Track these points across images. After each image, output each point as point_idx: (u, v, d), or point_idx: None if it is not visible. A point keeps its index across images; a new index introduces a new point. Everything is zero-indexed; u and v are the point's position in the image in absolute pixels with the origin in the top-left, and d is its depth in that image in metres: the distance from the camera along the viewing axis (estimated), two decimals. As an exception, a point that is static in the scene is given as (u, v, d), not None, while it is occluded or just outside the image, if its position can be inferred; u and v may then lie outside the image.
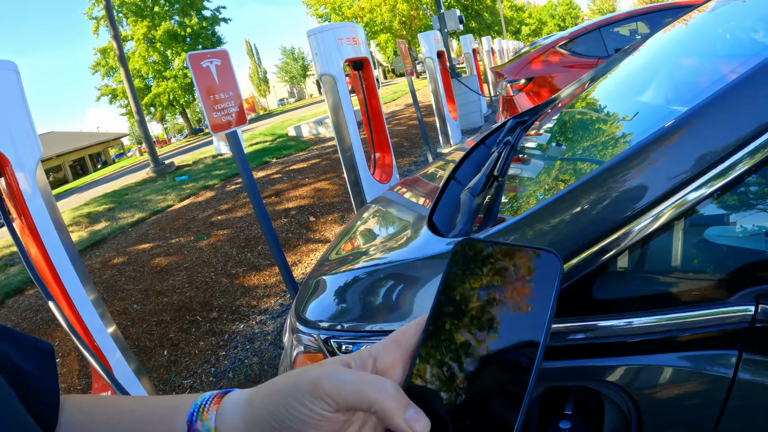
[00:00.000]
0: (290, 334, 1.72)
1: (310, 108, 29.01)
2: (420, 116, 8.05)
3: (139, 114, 14.80)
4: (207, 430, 0.54)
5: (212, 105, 3.26)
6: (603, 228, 0.99)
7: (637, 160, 1.01)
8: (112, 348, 2.63)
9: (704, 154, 0.94)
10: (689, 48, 2.15)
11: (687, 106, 1.29)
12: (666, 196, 0.95)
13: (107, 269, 6.14)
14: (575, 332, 1.02)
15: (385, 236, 1.96)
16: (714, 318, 0.95)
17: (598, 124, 1.89)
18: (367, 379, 0.47)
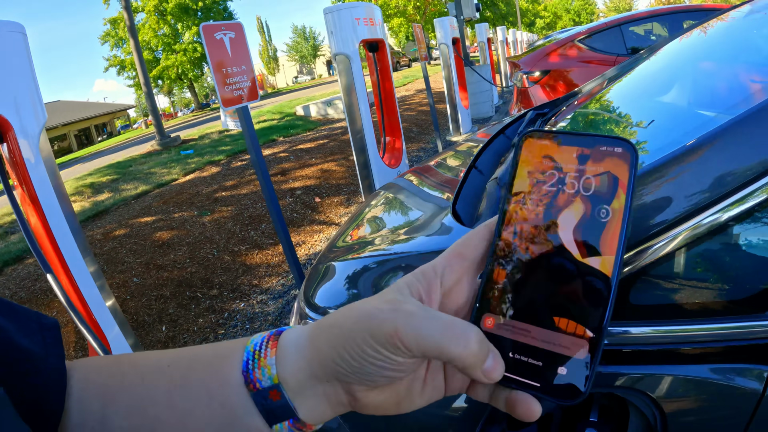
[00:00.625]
0: (298, 318, 1.68)
1: (319, 88, 28.87)
2: (432, 102, 7.98)
3: (147, 86, 14.73)
4: (269, 379, 0.47)
5: (224, 78, 3.17)
6: (642, 233, 0.95)
7: (685, 163, 0.97)
8: (110, 322, 2.57)
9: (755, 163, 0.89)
10: (716, 53, 2.11)
11: (712, 111, 1.23)
12: (709, 204, 0.91)
13: (108, 241, 6.10)
14: (607, 337, 0.97)
15: (399, 225, 1.90)
16: (746, 331, 0.92)
17: (621, 125, 1.84)
18: (448, 327, 0.43)
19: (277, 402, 0.46)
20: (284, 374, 0.47)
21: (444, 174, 2.35)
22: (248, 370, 0.47)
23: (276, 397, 0.46)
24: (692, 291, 0.99)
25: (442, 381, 0.49)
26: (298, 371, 0.47)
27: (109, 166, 12.16)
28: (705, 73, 2.01)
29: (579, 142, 0.47)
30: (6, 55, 2.18)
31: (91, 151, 28.46)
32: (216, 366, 0.50)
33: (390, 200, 2.27)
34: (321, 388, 0.47)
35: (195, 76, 43.72)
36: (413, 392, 0.48)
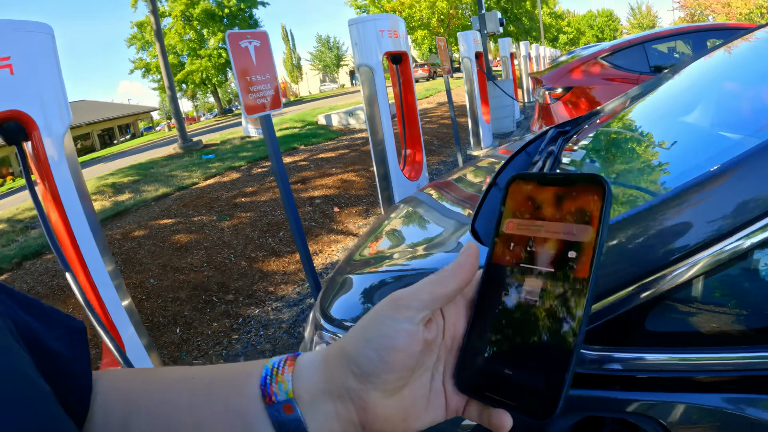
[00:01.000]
0: (313, 329, 1.68)
1: (342, 98, 29.01)
2: (453, 116, 7.98)
3: (171, 90, 14.91)
4: (284, 394, 0.50)
5: (248, 86, 3.21)
6: (661, 259, 0.95)
7: (706, 190, 0.97)
8: (125, 322, 2.60)
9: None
10: (741, 74, 2.09)
11: (736, 133, 1.22)
12: (730, 233, 0.91)
13: (127, 241, 6.15)
14: (620, 363, 0.99)
15: (418, 240, 1.92)
16: (759, 362, 0.91)
17: (643, 144, 1.84)
18: (426, 279, 0.51)
19: (290, 416, 0.49)
20: (299, 390, 0.50)
21: (464, 190, 2.35)
22: (266, 385, 0.51)
23: (289, 410, 0.49)
24: (708, 319, 0.99)
25: (443, 401, 0.53)
26: (312, 387, 0.50)
27: (131, 167, 12.27)
28: (729, 94, 2.00)
29: (557, 182, 0.52)
30: (33, 56, 2.22)
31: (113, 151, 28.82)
32: (236, 381, 0.53)
33: (409, 214, 2.27)
34: (332, 405, 0.50)
35: (219, 81, 44.08)
36: (418, 408, 0.51)
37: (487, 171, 2.45)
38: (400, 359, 0.48)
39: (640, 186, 1.49)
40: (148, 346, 2.77)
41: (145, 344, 2.73)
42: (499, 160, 2.43)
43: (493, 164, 2.49)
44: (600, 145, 2.18)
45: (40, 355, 0.46)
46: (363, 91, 4.84)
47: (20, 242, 6.88)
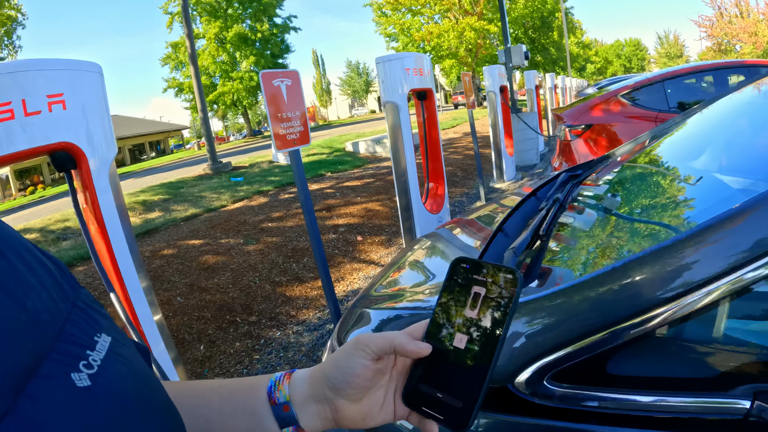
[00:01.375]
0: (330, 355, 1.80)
1: (369, 125, 29.15)
2: (477, 150, 8.04)
3: (203, 111, 15.17)
4: (284, 398, 0.72)
5: (279, 122, 3.40)
6: (632, 308, 1.07)
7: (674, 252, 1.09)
8: (156, 337, 2.75)
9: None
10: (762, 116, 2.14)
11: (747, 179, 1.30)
12: (698, 286, 1.02)
13: (156, 259, 6.30)
14: (589, 400, 1.10)
15: (436, 278, 1.97)
16: (713, 407, 1.01)
17: (650, 195, 1.89)
18: (385, 333, 0.71)
19: (287, 413, 0.72)
20: (293, 395, 0.73)
21: (486, 227, 2.38)
22: (271, 392, 0.73)
23: (287, 409, 0.72)
24: (665, 364, 1.11)
25: (392, 409, 0.73)
26: (301, 393, 0.73)
27: (161, 185, 12.45)
28: (744, 139, 2.06)
29: (485, 268, 0.71)
30: (84, 93, 2.43)
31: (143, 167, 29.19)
32: (252, 389, 0.75)
33: (430, 250, 2.33)
34: (315, 406, 0.72)
35: (249, 103, 44.36)
36: (373, 412, 0.72)
37: (509, 208, 2.45)
38: (358, 381, 0.69)
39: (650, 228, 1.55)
40: (176, 360, 2.92)
41: (173, 358, 2.89)
42: (522, 198, 2.48)
43: (514, 202, 2.53)
44: (604, 192, 2.22)
45: None
46: (388, 125, 4.98)
47: (52, 253, 7.07)
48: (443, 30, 38.46)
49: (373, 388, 0.73)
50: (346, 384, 0.70)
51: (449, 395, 0.69)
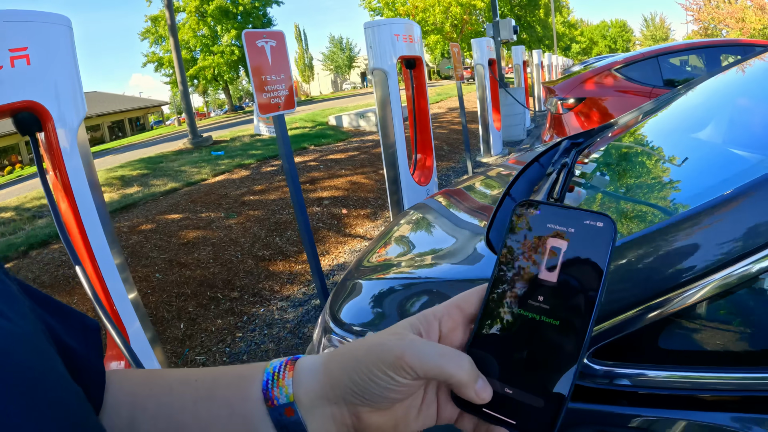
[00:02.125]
0: (321, 332, 1.68)
1: (352, 99, 29.01)
2: (464, 123, 7.96)
3: (183, 85, 14.95)
4: (286, 397, 0.53)
5: (262, 85, 3.21)
6: (672, 282, 0.94)
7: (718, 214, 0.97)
8: (131, 315, 2.59)
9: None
10: (757, 92, 2.07)
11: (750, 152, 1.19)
12: (750, 252, 0.90)
13: (134, 234, 6.17)
14: (627, 378, 0.98)
15: (428, 248, 1.90)
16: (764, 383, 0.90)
17: (653, 158, 1.83)
18: (445, 353, 0.51)
19: (291, 418, 0.52)
20: (299, 394, 0.53)
21: (475, 199, 2.33)
22: (267, 389, 0.54)
23: (290, 413, 0.52)
24: (718, 339, 0.99)
25: (435, 410, 0.55)
26: (311, 392, 0.53)
27: (140, 160, 12.33)
28: (745, 112, 1.99)
29: (566, 215, 0.54)
30: (51, 47, 2.22)
31: (123, 144, 28.92)
32: (239, 384, 0.56)
33: (420, 221, 2.25)
34: (329, 409, 0.53)
35: (231, 78, 44.24)
36: (409, 418, 0.54)
37: (497, 181, 2.43)
38: (393, 397, 0.51)
39: (652, 203, 1.48)
40: (153, 340, 2.76)
41: (149, 338, 2.73)
42: (510, 171, 2.42)
43: (502, 174, 2.48)
44: (612, 160, 2.15)
45: (58, 351, 0.47)
46: (376, 94, 4.83)
47: (27, 231, 6.91)
48: (429, 4, 38.21)
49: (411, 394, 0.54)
50: (377, 399, 0.51)
51: (524, 391, 0.51)
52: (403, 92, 5.71)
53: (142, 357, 2.64)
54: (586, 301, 0.50)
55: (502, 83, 10.86)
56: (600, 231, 0.51)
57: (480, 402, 0.51)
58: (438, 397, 0.55)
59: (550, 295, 0.52)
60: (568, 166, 1.99)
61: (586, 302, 0.50)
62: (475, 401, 0.51)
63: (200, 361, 3.63)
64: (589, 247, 0.51)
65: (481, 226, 1.78)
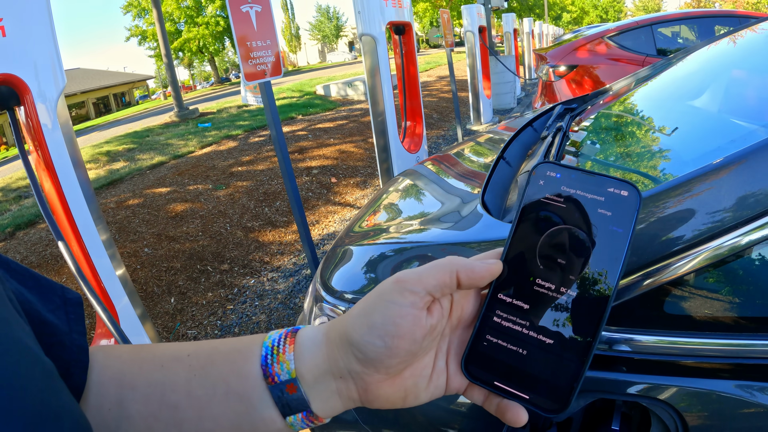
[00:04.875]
0: (313, 301, 1.64)
1: (340, 69, 28.78)
2: (455, 90, 7.90)
3: (167, 57, 14.74)
4: (287, 373, 0.50)
5: (248, 52, 3.12)
6: (675, 245, 0.93)
7: (713, 181, 0.95)
8: (119, 292, 2.55)
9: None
10: (751, 62, 2.06)
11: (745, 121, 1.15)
12: (750, 220, 0.89)
13: (122, 210, 6.10)
14: (635, 345, 0.97)
15: (418, 212, 1.87)
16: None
17: (650, 130, 1.81)
18: (434, 263, 0.50)
19: (293, 395, 0.49)
20: (302, 369, 0.50)
21: (464, 165, 2.31)
22: (267, 365, 0.50)
23: (292, 390, 0.49)
24: (723, 306, 0.97)
25: (444, 380, 0.53)
26: (315, 367, 0.50)
27: (126, 135, 12.19)
28: (741, 82, 1.97)
29: (588, 180, 0.51)
30: (27, 18, 2.13)
31: (108, 120, 28.66)
32: (235, 359, 0.52)
33: (410, 187, 2.22)
34: (335, 384, 0.50)
35: (216, 49, 43.87)
36: (419, 388, 0.51)
37: (487, 146, 2.41)
38: (404, 345, 0.48)
39: (645, 172, 1.46)
40: (142, 316, 2.72)
41: (139, 314, 2.68)
42: (500, 137, 2.41)
43: (492, 140, 2.46)
44: (606, 126, 2.15)
45: (35, 327, 0.43)
46: (365, 61, 4.73)
47: (13, 211, 6.83)
48: (416, -28, 37.74)
49: (421, 352, 0.50)
50: (385, 352, 0.48)
51: (538, 364, 0.49)
52: (392, 61, 5.63)
53: (132, 333, 2.60)
54: (607, 273, 0.48)
55: (493, 51, 10.75)
56: (624, 200, 0.49)
57: (490, 277, 0.51)
58: (447, 366, 0.53)
59: (569, 264, 0.50)
60: (563, 131, 1.96)
61: (608, 274, 0.48)
62: (489, 277, 0.50)
63: (191, 335, 3.60)
64: (612, 215, 0.49)
65: (472, 192, 1.76)
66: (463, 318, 0.53)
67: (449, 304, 0.52)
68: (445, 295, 0.50)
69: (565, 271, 0.50)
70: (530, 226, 0.52)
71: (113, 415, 0.50)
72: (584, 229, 0.50)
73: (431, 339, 0.50)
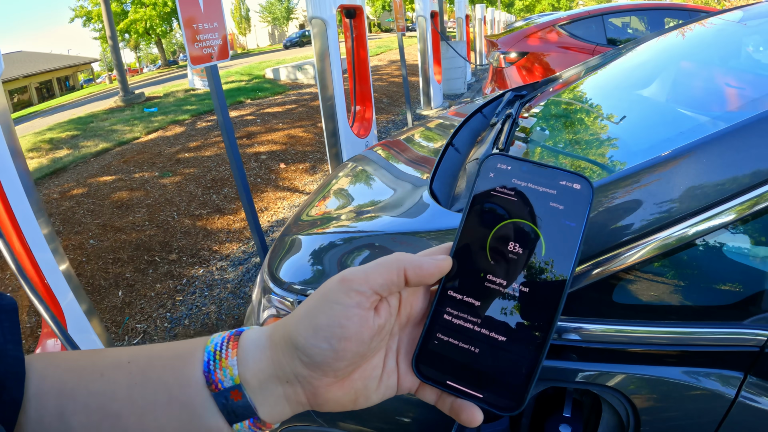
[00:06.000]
0: (261, 292, 1.60)
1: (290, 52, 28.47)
2: (405, 74, 7.89)
3: (113, 39, 14.38)
4: (231, 380, 0.47)
5: (194, 35, 3.02)
6: (624, 235, 0.95)
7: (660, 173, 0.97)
8: (64, 288, 2.45)
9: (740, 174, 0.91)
10: (700, 55, 2.12)
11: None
12: (698, 211, 0.91)
13: (65, 200, 5.92)
14: (585, 333, 0.99)
15: (368, 200, 1.84)
16: (725, 338, 0.94)
17: (592, 115, 1.85)
18: (380, 260, 0.48)
19: (239, 402, 0.47)
20: (246, 375, 0.47)
21: (415, 150, 2.30)
22: (210, 371, 0.48)
23: (237, 397, 0.47)
24: (670, 295, 0.99)
25: (395, 380, 0.51)
26: (260, 372, 0.48)
27: (69, 121, 11.91)
28: (687, 73, 2.01)
29: (539, 173, 0.50)
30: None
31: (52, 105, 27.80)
32: (176, 365, 0.49)
33: (359, 173, 2.20)
34: (281, 388, 0.48)
35: (163, 31, 42.90)
36: (369, 389, 0.50)
37: (437, 132, 2.40)
38: (351, 347, 0.46)
39: (594, 160, 1.48)
40: (89, 312, 2.62)
41: (85, 310, 2.59)
42: (450, 122, 2.41)
43: (442, 125, 2.46)
44: (555, 113, 2.16)
45: None
46: (314, 45, 4.68)
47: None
48: (366, -45, 37.49)
49: (370, 353, 0.49)
50: (332, 355, 0.46)
51: (491, 362, 0.48)
52: (343, 45, 5.58)
53: (79, 330, 2.51)
54: (559, 268, 0.48)
55: (444, 36, 10.77)
56: (577, 193, 0.49)
57: (439, 274, 0.49)
58: (398, 366, 0.52)
59: (520, 260, 0.49)
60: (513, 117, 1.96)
61: (560, 269, 0.48)
62: (439, 274, 0.49)
63: (141, 329, 3.50)
64: (564, 209, 0.49)
65: (422, 177, 1.75)
66: (413, 315, 0.52)
67: (398, 302, 0.50)
68: (393, 293, 0.49)
69: (516, 266, 0.49)
70: (480, 221, 0.51)
71: (54, 427, 0.47)
72: (535, 223, 0.49)
73: (380, 339, 0.49)
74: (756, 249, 0.97)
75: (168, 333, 3.42)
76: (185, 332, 3.40)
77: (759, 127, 0.93)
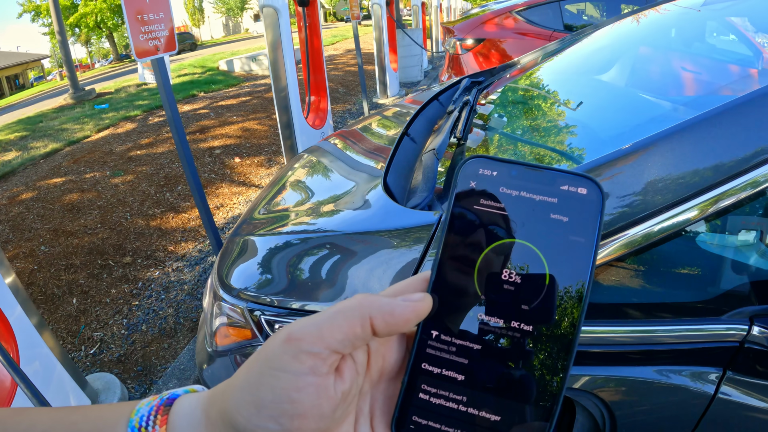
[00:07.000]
0: (212, 299, 1.51)
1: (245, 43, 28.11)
2: (361, 63, 7.83)
3: (61, 34, 13.91)
4: None
5: (139, 26, 2.88)
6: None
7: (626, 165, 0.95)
8: (11, 302, 2.29)
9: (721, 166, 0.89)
10: (657, 40, 2.12)
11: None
12: (669, 206, 0.89)
13: (14, 205, 5.72)
14: None
15: (324, 195, 1.77)
16: (703, 335, 0.92)
17: (549, 101, 1.82)
18: (338, 307, 0.37)
19: None
20: None
21: (371, 140, 2.24)
22: None
23: None
24: (642, 294, 0.98)
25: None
26: None
27: (18, 122, 11.58)
28: (644, 58, 2.01)
29: (534, 177, 0.40)
30: None
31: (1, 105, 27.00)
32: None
33: (314, 166, 2.14)
34: None
35: (114, 24, 42.10)
36: None
37: (393, 120, 2.35)
38: (308, 425, 0.36)
39: (553, 147, 1.44)
40: (40, 326, 2.47)
41: (36, 324, 2.43)
42: (407, 110, 2.37)
43: (399, 114, 2.40)
44: (513, 99, 2.13)
45: None
46: (267, 34, 4.57)
47: None
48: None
49: (333, 426, 0.38)
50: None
51: (489, 420, 0.38)
52: (296, 35, 5.48)
53: (30, 346, 2.35)
54: (569, 295, 0.38)
55: (400, 24, 10.71)
56: (583, 200, 0.39)
57: (417, 319, 0.38)
58: (372, 429, 0.41)
59: (519, 291, 0.39)
60: (471, 104, 1.90)
61: (570, 296, 0.38)
62: (410, 319, 0.38)
63: (98, 338, 3.37)
64: (570, 221, 0.39)
65: (378, 169, 1.70)
66: (387, 369, 0.42)
67: (365, 355, 0.40)
68: (358, 347, 0.38)
69: (515, 299, 0.39)
70: (462, 245, 0.41)
71: None
72: (534, 242, 0.39)
73: (346, 405, 0.39)
74: (730, 242, 0.94)
75: (125, 341, 3.29)
76: (143, 338, 3.28)
77: (718, 120, 0.91)
